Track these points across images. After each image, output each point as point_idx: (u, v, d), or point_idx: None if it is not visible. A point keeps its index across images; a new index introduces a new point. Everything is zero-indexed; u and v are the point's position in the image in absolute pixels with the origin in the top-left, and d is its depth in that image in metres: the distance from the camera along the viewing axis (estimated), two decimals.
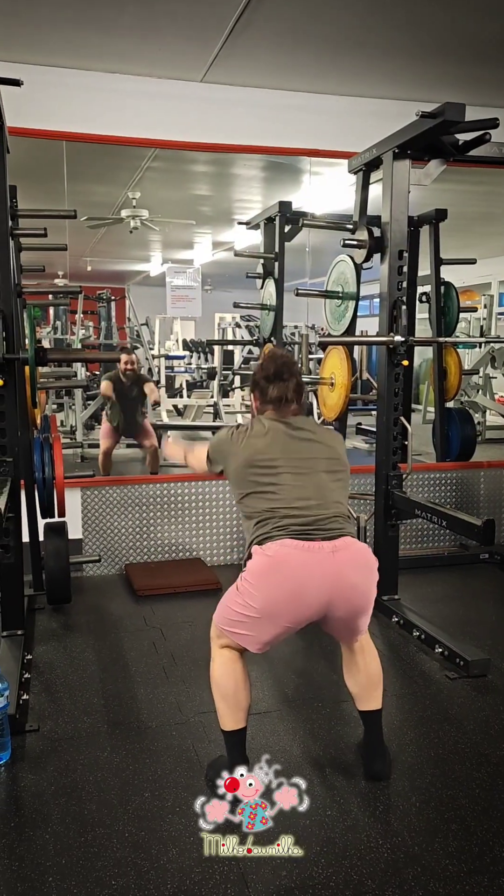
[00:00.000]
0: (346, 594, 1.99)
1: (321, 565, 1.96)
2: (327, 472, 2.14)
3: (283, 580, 1.95)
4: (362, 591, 2.03)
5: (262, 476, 2.10)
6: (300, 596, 1.95)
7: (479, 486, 4.69)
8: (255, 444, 2.14)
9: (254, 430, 2.19)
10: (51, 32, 3.43)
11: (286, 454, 2.12)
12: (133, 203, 5.77)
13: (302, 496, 2.06)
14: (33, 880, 1.78)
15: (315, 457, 2.15)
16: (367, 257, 3.41)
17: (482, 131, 2.95)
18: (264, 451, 2.12)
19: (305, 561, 1.95)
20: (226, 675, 2.09)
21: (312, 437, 2.19)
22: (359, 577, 2.02)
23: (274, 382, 2.22)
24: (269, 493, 2.07)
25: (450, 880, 1.78)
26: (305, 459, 2.13)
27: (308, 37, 3.49)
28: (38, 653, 3.07)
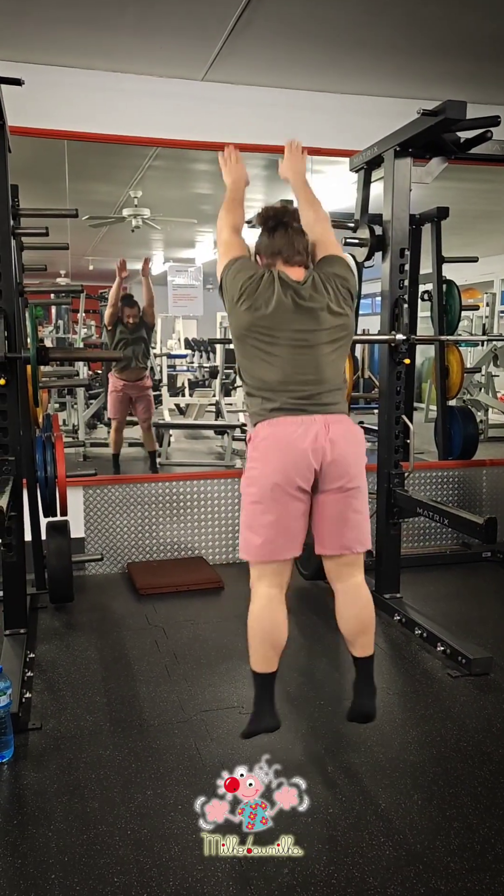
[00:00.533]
0: (336, 453, 2.05)
1: (315, 430, 2.04)
2: (329, 342, 2.12)
3: (282, 444, 2.04)
4: (352, 457, 2.09)
5: (261, 343, 2.09)
6: (296, 451, 2.03)
7: (481, 484, 4.69)
8: (258, 310, 2.07)
9: (261, 288, 2.08)
10: (52, 32, 3.43)
11: (288, 325, 2.08)
12: (135, 202, 5.77)
13: (299, 370, 2.08)
14: (36, 878, 1.78)
15: (318, 328, 2.10)
16: (369, 255, 3.41)
17: (483, 129, 2.95)
18: (266, 319, 2.07)
19: (300, 430, 2.04)
20: (267, 618, 2.14)
21: (319, 306, 2.10)
22: (349, 445, 2.09)
23: (276, 230, 2.14)
24: (266, 362, 2.09)
25: (452, 878, 1.78)
26: (308, 332, 2.09)
27: (309, 35, 3.49)
28: (41, 651, 3.08)
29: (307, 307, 2.09)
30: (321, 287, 2.12)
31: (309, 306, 2.09)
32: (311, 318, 2.10)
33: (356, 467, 2.10)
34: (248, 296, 2.08)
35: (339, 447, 2.05)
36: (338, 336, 2.14)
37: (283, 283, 2.09)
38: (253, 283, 2.09)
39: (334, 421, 2.07)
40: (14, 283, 2.99)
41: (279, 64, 3.83)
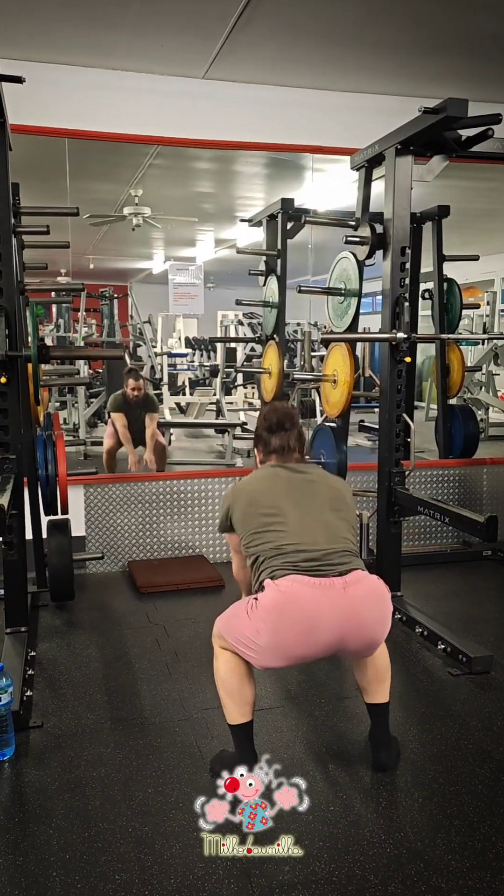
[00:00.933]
0: (359, 629, 2.00)
1: (333, 601, 1.95)
2: (332, 510, 2.17)
3: (296, 619, 1.93)
4: (377, 625, 2.05)
5: (267, 516, 2.12)
6: (312, 634, 1.95)
7: (481, 482, 4.69)
8: (258, 485, 2.22)
9: (255, 474, 2.28)
10: (53, 29, 3.43)
11: (290, 494, 2.16)
12: (135, 200, 5.76)
13: (308, 532, 2.08)
14: (37, 875, 1.79)
15: (319, 496, 2.19)
16: (370, 254, 3.40)
17: (485, 127, 2.94)
18: (267, 491, 2.18)
19: (317, 598, 1.94)
20: (230, 672, 2.10)
21: (315, 479, 2.24)
22: (372, 611, 2.03)
23: (276, 433, 2.29)
24: (274, 531, 2.08)
25: (452, 876, 1.78)
26: (309, 499, 2.17)
27: (310, 33, 3.49)
28: (42, 649, 3.08)
29: (303, 479, 2.23)
30: (314, 467, 2.37)
31: (304, 478, 2.24)
32: (309, 487, 2.22)
33: (380, 631, 2.07)
34: (245, 483, 2.30)
35: (361, 615, 2.02)
36: (339, 507, 2.20)
37: (276, 465, 2.29)
38: (241, 481, 2.31)
39: (353, 582, 2.02)
40: (15, 282, 2.99)
41: (280, 62, 3.82)
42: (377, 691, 2.21)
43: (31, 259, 3.79)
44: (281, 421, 2.31)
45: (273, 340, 4.69)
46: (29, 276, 3.79)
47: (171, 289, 4.87)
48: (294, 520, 2.10)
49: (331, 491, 2.23)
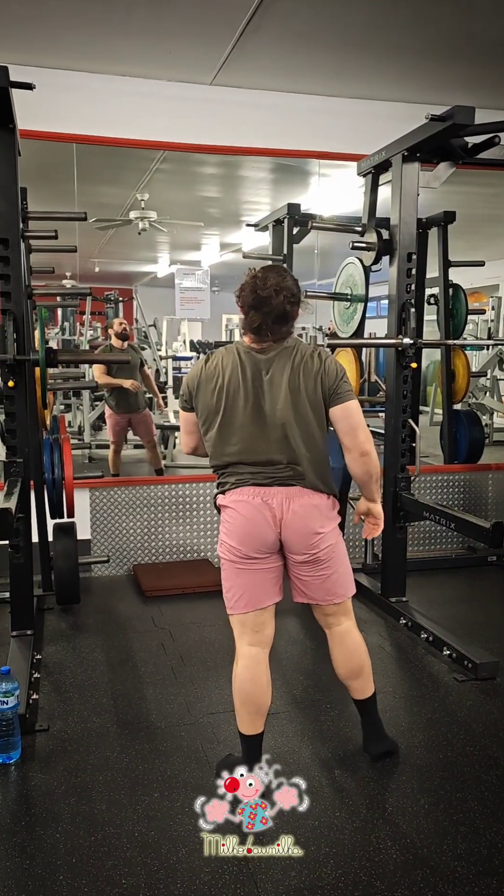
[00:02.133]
0: (292, 529, 2.05)
1: (271, 510, 2.05)
2: (289, 420, 2.05)
3: (243, 520, 2.06)
4: (309, 529, 2.06)
5: (219, 419, 2.08)
6: (257, 526, 2.05)
7: (486, 488, 4.68)
8: (214, 384, 2.08)
9: (221, 358, 2.11)
10: (62, 36, 3.44)
11: (247, 394, 2.06)
12: (141, 205, 5.78)
13: (256, 446, 2.06)
14: (44, 878, 1.79)
15: (274, 405, 2.05)
16: (376, 259, 3.41)
17: (492, 134, 2.96)
18: (224, 394, 2.07)
19: (258, 506, 2.05)
20: (249, 680, 2.09)
21: (276, 382, 2.06)
22: (305, 521, 2.06)
23: (253, 311, 2.06)
24: (224, 438, 2.09)
25: (459, 882, 1.78)
26: (264, 409, 2.06)
27: (317, 40, 3.50)
28: (48, 653, 3.09)
29: (269, 382, 2.10)
30: (284, 359, 2.10)
31: (271, 381, 2.09)
32: (270, 393, 2.09)
33: (312, 531, 2.07)
34: (203, 375, 2.16)
35: (295, 522, 2.06)
36: (301, 418, 2.09)
37: (247, 353, 2.11)
38: (204, 368, 2.14)
39: (295, 495, 2.08)
40: (23, 286, 3.00)
41: (288, 68, 3.84)
42: (356, 688, 2.24)
43: (38, 263, 3.81)
44: (258, 302, 2.03)
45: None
46: (35, 279, 3.81)
47: (178, 293, 4.89)
48: (243, 425, 2.07)
49: (296, 398, 2.05)
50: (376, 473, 2.17)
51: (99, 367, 5.31)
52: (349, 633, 2.21)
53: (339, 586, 2.15)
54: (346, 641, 2.20)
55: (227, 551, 2.09)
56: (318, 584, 2.12)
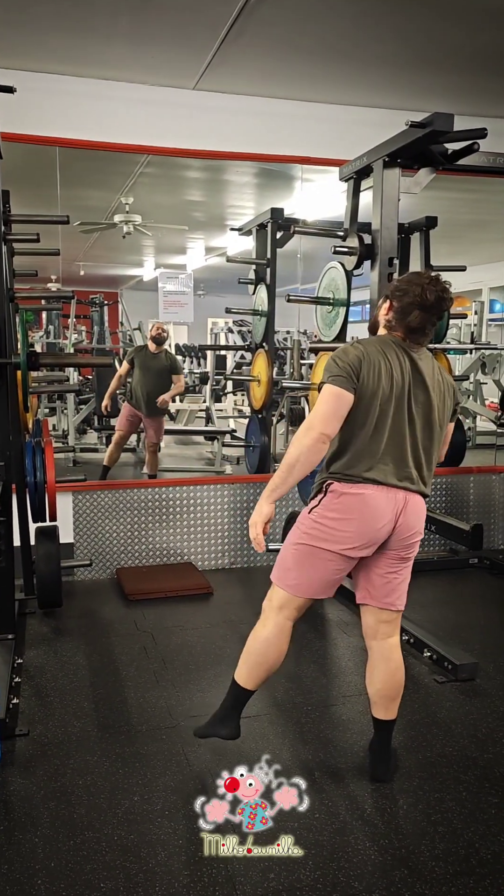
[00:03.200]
0: (403, 526, 2.08)
1: (395, 507, 2.05)
2: (432, 425, 2.09)
3: (369, 511, 2.02)
4: (414, 527, 2.12)
5: (377, 406, 2.00)
6: (381, 520, 2.04)
7: (468, 491, 4.72)
8: (380, 367, 2.00)
9: (377, 345, 2.05)
10: (45, 40, 3.45)
11: (404, 396, 2.03)
12: (126, 208, 5.78)
13: (400, 445, 2.04)
14: (22, 883, 1.79)
15: (425, 408, 2.07)
16: (358, 264, 3.43)
17: (471, 141, 2.99)
18: (391, 381, 2.01)
19: (388, 500, 2.03)
20: (276, 645, 2.13)
21: (430, 387, 2.07)
22: (414, 519, 2.11)
23: (423, 312, 2.02)
24: (373, 428, 2.01)
25: (436, 882, 1.80)
26: (415, 410, 2.05)
27: (299, 46, 3.53)
28: (29, 657, 3.07)
29: (422, 384, 2.08)
30: (432, 365, 2.14)
31: (423, 383, 2.09)
32: (422, 396, 2.10)
33: (418, 530, 2.14)
34: (370, 360, 2.05)
35: (408, 521, 2.10)
36: (434, 424, 2.13)
37: (405, 352, 2.08)
38: (366, 353, 2.04)
39: (410, 500, 2.11)
40: (5, 289, 3.00)
41: (270, 74, 3.86)
42: (388, 707, 2.20)
43: (22, 266, 3.80)
44: (436, 304, 2.02)
45: (262, 348, 4.72)
46: (19, 282, 3.80)
47: (162, 296, 4.89)
48: (395, 419, 2.03)
49: (437, 405, 2.09)
50: None
51: (122, 368, 5.35)
52: (397, 648, 2.20)
53: (405, 595, 2.19)
54: (394, 656, 2.19)
55: (326, 543, 2.04)
56: (391, 582, 2.14)
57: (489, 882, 1.80)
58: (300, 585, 2.10)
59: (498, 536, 4.75)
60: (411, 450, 2.07)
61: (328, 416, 1.97)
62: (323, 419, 1.96)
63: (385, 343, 2.07)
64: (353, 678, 2.88)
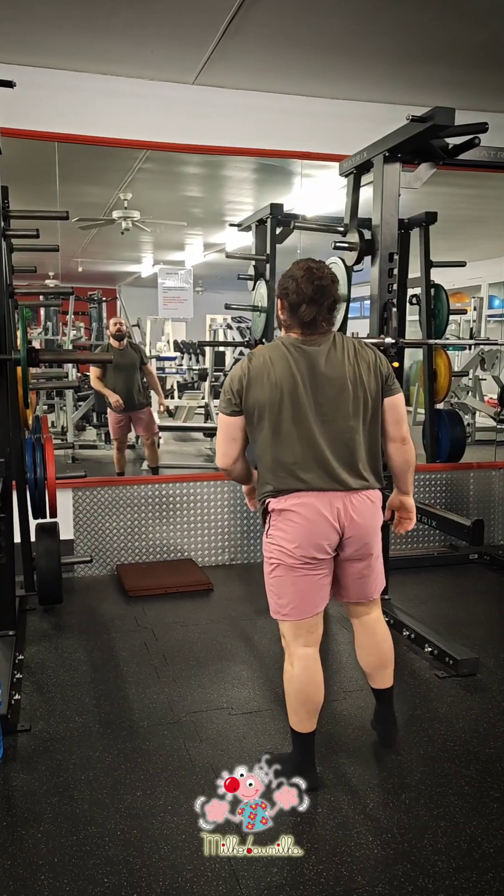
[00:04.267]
0: (355, 528, 2.05)
1: (334, 512, 2.01)
2: (350, 415, 2.03)
3: (307, 523, 2.00)
4: (369, 527, 2.08)
5: (276, 416, 2.00)
6: (322, 528, 2.01)
7: (468, 487, 4.72)
8: (267, 379, 2.00)
9: (270, 352, 2.03)
10: (44, 34, 3.43)
11: (306, 393, 2.00)
12: (124, 204, 5.76)
13: (317, 446, 2.01)
14: (25, 878, 1.79)
15: (335, 400, 2.02)
16: (358, 259, 3.43)
17: (471, 135, 2.98)
18: (280, 389, 1.99)
19: (323, 508, 2.00)
20: (309, 681, 2.09)
21: (337, 374, 2.02)
22: (366, 519, 2.07)
23: (308, 305, 2.01)
24: (282, 437, 2.00)
25: (439, 876, 1.80)
26: (323, 405, 2.01)
27: (299, 41, 3.52)
28: (30, 653, 3.07)
29: (325, 375, 2.04)
30: (338, 351, 2.07)
31: (327, 373, 2.04)
32: (327, 389, 2.04)
33: (370, 530, 2.10)
34: (254, 373, 2.06)
35: (354, 520, 2.06)
36: (358, 411, 2.07)
37: (297, 348, 2.05)
38: (250, 368, 2.06)
39: (354, 496, 2.07)
40: (4, 285, 2.99)
41: (270, 68, 3.85)
42: (383, 676, 2.25)
43: (21, 262, 3.79)
44: (316, 295, 1.99)
45: (262, 345, 4.71)
46: (18, 278, 3.79)
47: (161, 293, 4.88)
48: (303, 422, 2.00)
49: (354, 389, 2.03)
50: (414, 463, 2.22)
51: (93, 372, 5.30)
52: (379, 620, 2.24)
53: (379, 582, 2.20)
54: (378, 629, 2.23)
55: (284, 556, 2.03)
56: (363, 580, 2.14)
57: (492, 876, 1.80)
58: (297, 607, 2.06)
59: (498, 532, 4.75)
60: (333, 447, 2.02)
61: (221, 443, 2.12)
62: (219, 449, 2.14)
63: (275, 348, 2.07)
64: (353, 673, 2.89)
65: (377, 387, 2.08)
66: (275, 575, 2.07)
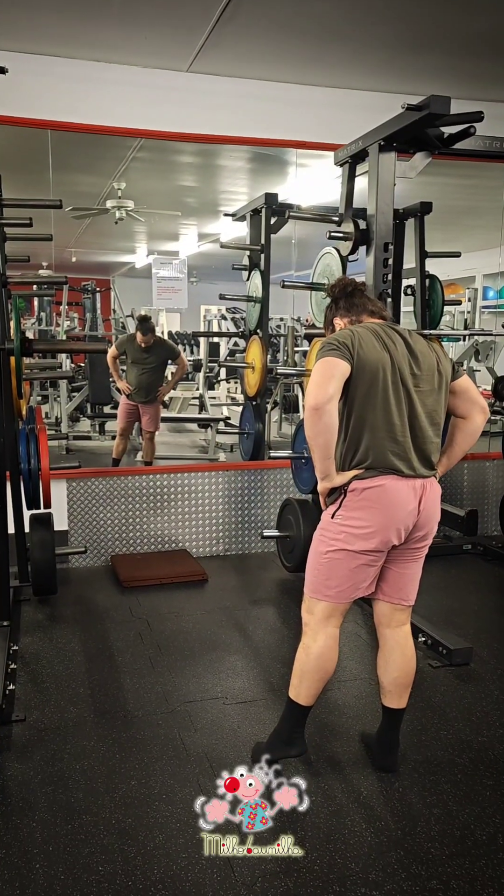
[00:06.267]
0: (426, 517, 2.03)
1: (416, 497, 1.98)
2: (438, 393, 2.02)
3: (390, 505, 1.96)
4: (435, 518, 2.08)
5: (378, 387, 1.94)
6: (403, 511, 1.98)
7: (462, 478, 4.73)
8: (374, 345, 1.95)
9: (374, 335, 1.98)
10: (37, 20, 3.39)
11: (403, 370, 1.96)
12: (118, 194, 5.73)
13: (416, 431, 1.98)
14: (20, 867, 1.79)
15: (429, 379, 2.00)
16: (353, 250, 3.41)
17: (467, 124, 2.97)
18: (385, 356, 1.95)
19: (406, 491, 1.97)
20: (331, 659, 2.09)
21: (426, 352, 2.01)
22: (435, 509, 2.06)
23: (355, 296, 2.05)
24: (385, 411, 1.95)
25: (432, 863, 1.81)
26: (420, 381, 1.98)
27: (294, 28, 3.49)
28: (24, 644, 3.07)
29: (418, 352, 2.02)
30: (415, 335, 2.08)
31: (419, 350, 2.03)
32: (424, 363, 2.02)
33: (435, 520, 2.09)
34: (365, 337, 1.99)
35: (428, 509, 2.04)
36: (439, 395, 2.05)
37: (390, 328, 2.05)
38: (362, 333, 2.00)
39: (428, 486, 2.04)
40: None
41: (264, 56, 3.82)
42: (402, 696, 2.18)
43: (14, 252, 3.76)
44: (354, 284, 2.05)
45: (256, 335, 4.70)
46: (11, 268, 3.76)
47: (155, 283, 4.86)
48: (406, 407, 1.96)
49: (440, 369, 2.02)
50: None
51: (111, 351, 5.20)
52: (410, 637, 2.20)
53: (416, 588, 2.18)
54: (409, 644, 2.18)
55: (353, 539, 1.98)
56: (408, 577, 2.12)
57: (485, 863, 1.82)
58: (344, 591, 2.05)
59: (491, 523, 4.76)
60: (421, 430, 1.99)
61: (319, 377, 1.89)
62: (312, 388, 1.89)
63: (362, 326, 2.04)
64: (348, 663, 2.90)
65: (447, 373, 2.06)
66: (332, 557, 2.02)
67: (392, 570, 2.11)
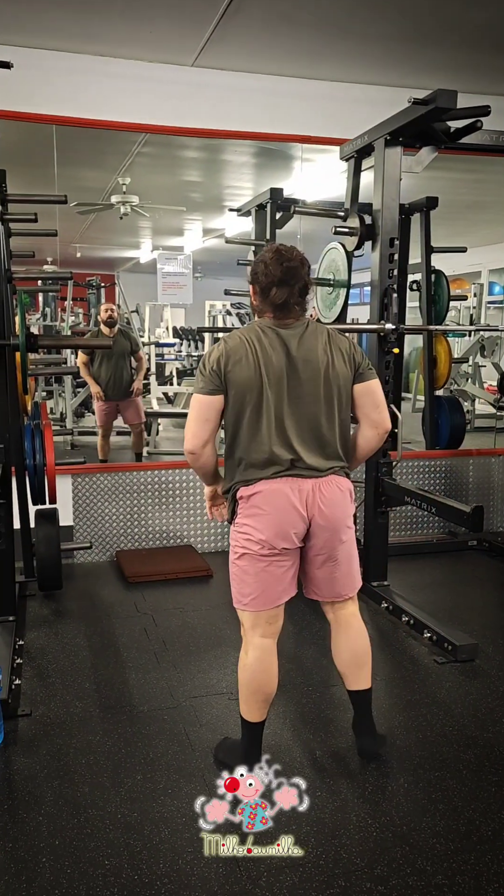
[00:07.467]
0: (324, 518, 2.01)
1: (303, 499, 1.99)
2: (322, 399, 2.01)
3: (275, 511, 1.98)
4: (340, 517, 2.04)
5: (258, 397, 1.97)
6: (290, 516, 1.98)
7: (467, 473, 4.72)
8: (248, 358, 1.98)
9: (246, 340, 2.00)
10: (42, 15, 3.38)
11: (277, 379, 1.98)
12: (123, 189, 5.73)
13: (290, 430, 1.99)
14: (27, 861, 1.80)
15: (308, 383, 2.00)
16: (359, 245, 3.41)
17: (474, 118, 2.95)
18: (263, 368, 1.97)
19: (291, 495, 1.98)
20: (262, 671, 2.07)
21: (310, 358, 2.01)
22: (336, 509, 2.03)
23: (279, 287, 2.00)
24: (260, 421, 1.98)
25: (437, 859, 1.81)
26: (296, 388, 2.00)
27: (299, 22, 3.47)
28: (30, 638, 3.08)
29: (300, 359, 2.01)
30: (312, 338, 2.05)
31: (302, 357, 2.02)
32: (302, 375, 2.02)
33: (341, 518, 2.05)
34: (231, 357, 2.01)
35: (324, 508, 2.02)
36: (331, 397, 2.05)
37: (272, 331, 2.03)
38: (226, 351, 2.01)
39: (324, 484, 2.03)
40: (2, 270, 2.97)
41: (269, 51, 3.80)
42: (357, 677, 2.17)
43: (18, 247, 3.76)
44: (286, 277, 1.98)
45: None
46: (15, 264, 3.76)
47: (160, 278, 4.86)
48: (274, 416, 1.98)
49: (327, 374, 2.01)
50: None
51: (80, 358, 5.28)
52: (354, 616, 2.18)
53: (353, 579, 2.14)
54: (353, 623, 2.17)
55: (250, 544, 2.00)
56: (333, 577, 2.10)
57: (489, 858, 1.82)
58: (258, 598, 2.04)
59: (497, 519, 4.76)
60: (302, 432, 2.00)
61: (192, 424, 2.03)
62: (188, 432, 2.05)
63: (249, 330, 2.04)
64: None
65: (350, 374, 2.07)
66: (239, 565, 2.05)
67: (316, 574, 2.10)
